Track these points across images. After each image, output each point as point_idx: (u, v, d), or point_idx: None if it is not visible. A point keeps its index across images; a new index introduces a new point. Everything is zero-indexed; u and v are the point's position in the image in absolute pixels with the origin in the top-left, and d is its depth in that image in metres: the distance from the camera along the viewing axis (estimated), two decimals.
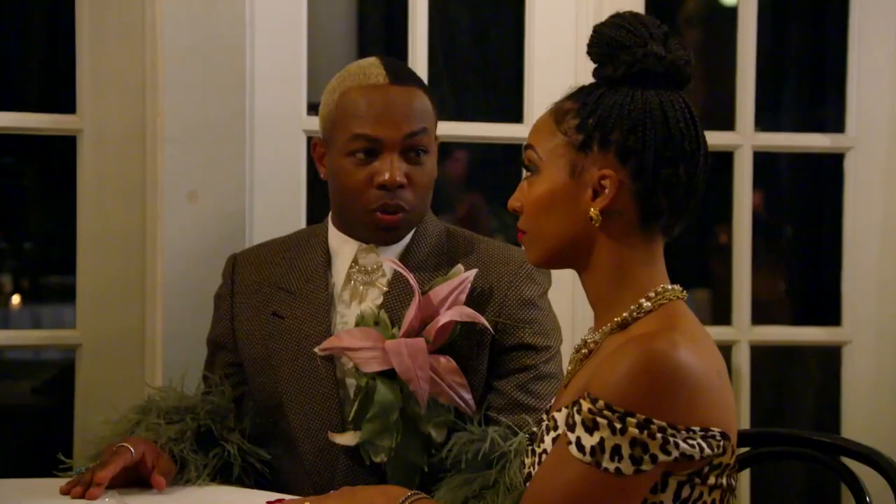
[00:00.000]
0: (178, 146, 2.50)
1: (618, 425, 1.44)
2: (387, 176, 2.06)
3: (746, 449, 2.13)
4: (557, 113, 1.60)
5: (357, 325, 2.07)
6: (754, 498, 2.89)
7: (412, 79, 2.13)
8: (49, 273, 4.95)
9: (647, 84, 1.56)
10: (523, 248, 1.65)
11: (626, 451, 1.44)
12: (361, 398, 2.01)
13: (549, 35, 2.75)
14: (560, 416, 1.53)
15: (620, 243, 1.58)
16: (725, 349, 2.89)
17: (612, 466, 1.44)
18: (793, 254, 4.24)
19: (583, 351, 1.62)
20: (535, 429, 1.66)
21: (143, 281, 2.55)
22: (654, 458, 1.44)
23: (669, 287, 1.59)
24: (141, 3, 2.53)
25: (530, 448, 1.62)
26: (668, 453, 1.44)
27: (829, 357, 3.18)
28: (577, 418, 1.47)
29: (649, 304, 1.56)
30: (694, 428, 1.46)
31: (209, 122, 2.51)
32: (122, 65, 2.54)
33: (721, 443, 1.49)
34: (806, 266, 4.19)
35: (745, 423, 2.84)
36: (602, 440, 1.44)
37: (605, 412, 1.45)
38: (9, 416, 4.03)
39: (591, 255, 1.59)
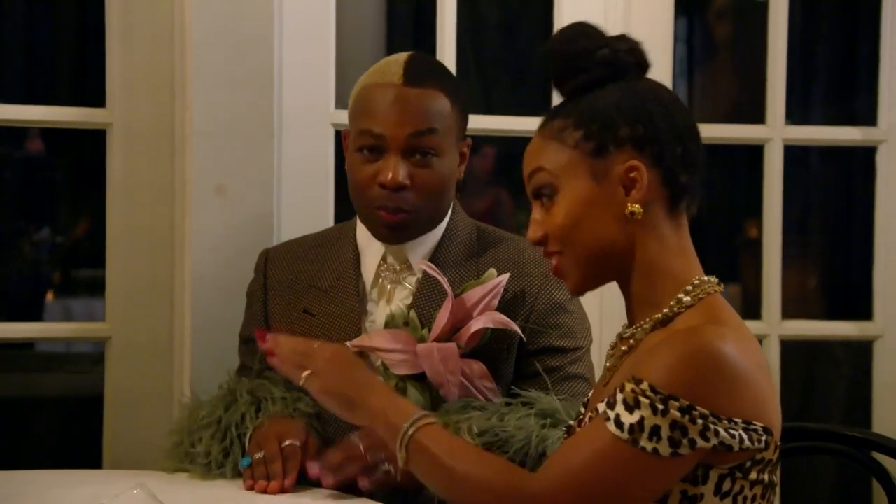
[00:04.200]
0: (206, 140, 2.50)
1: (660, 406, 1.44)
2: (389, 176, 2.05)
3: None
4: (553, 132, 1.61)
5: (387, 324, 2.07)
6: (785, 493, 2.88)
7: (431, 80, 2.09)
8: (79, 266, 4.98)
9: (623, 77, 1.60)
10: (559, 276, 1.63)
11: (665, 432, 1.44)
12: None
13: None
14: (601, 407, 1.52)
15: (653, 237, 1.58)
16: None
17: (649, 446, 1.45)
18: (824, 248, 4.21)
19: (621, 347, 1.61)
20: (571, 422, 1.66)
21: (172, 274, 2.56)
22: (692, 443, 1.45)
23: (706, 279, 1.59)
24: None
25: (566, 435, 1.63)
26: (707, 440, 1.45)
27: (861, 352, 3.16)
28: (619, 397, 1.47)
29: (689, 298, 1.56)
30: (736, 420, 1.47)
31: (238, 116, 2.51)
32: (151, 59, 2.55)
33: (763, 437, 1.49)
34: (837, 260, 4.16)
35: None
36: (642, 419, 1.45)
37: (649, 393, 1.45)
38: (40, 408, 4.06)
39: (628, 257, 1.59)
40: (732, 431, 1.46)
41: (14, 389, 4.07)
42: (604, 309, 2.67)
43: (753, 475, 1.51)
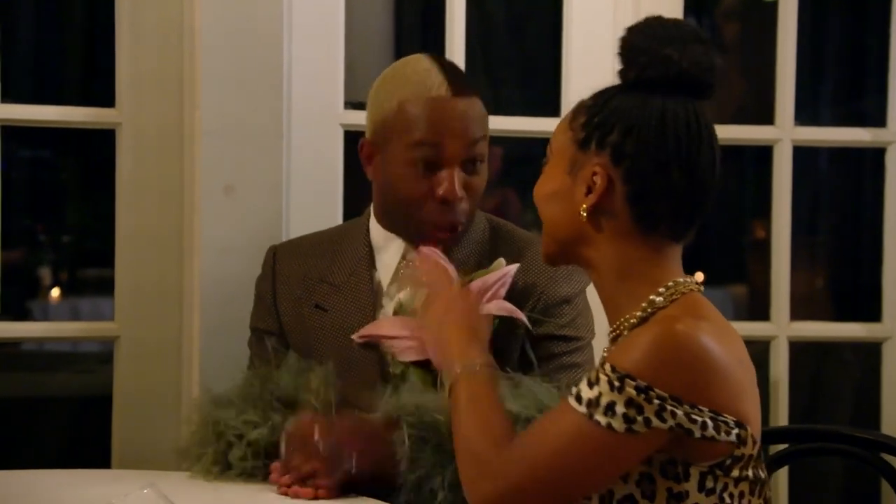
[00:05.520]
0: (215, 140, 2.51)
1: (616, 384, 1.47)
2: (451, 190, 2.05)
3: (785, 445, 2.12)
4: (577, 109, 1.64)
5: (395, 312, 2.07)
6: (793, 494, 2.87)
7: (470, 86, 2.12)
8: (87, 266, 4.99)
9: (659, 89, 1.58)
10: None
11: (620, 408, 1.47)
12: (393, 387, 2.00)
13: (587, 28, 2.73)
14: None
15: (620, 243, 1.59)
16: (763, 345, 2.87)
17: (603, 420, 1.47)
18: (832, 249, 4.20)
19: (603, 355, 1.63)
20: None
21: (181, 274, 2.56)
22: (647, 422, 1.46)
23: (681, 280, 1.59)
24: None
25: None
26: (663, 420, 1.46)
27: (869, 353, 3.15)
28: (585, 377, 1.51)
29: (661, 299, 1.57)
30: (701, 407, 1.48)
31: (246, 116, 2.51)
32: (160, 59, 2.55)
33: (735, 431, 1.50)
34: (846, 261, 4.16)
35: (784, 420, 2.82)
36: (599, 394, 1.48)
37: (608, 372, 1.49)
38: (48, 408, 4.06)
39: (594, 253, 1.61)
40: (694, 417, 1.47)
41: (22, 389, 4.08)
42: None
43: (736, 472, 1.51)
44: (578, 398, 1.50)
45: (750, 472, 1.53)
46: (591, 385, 1.50)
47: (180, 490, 1.89)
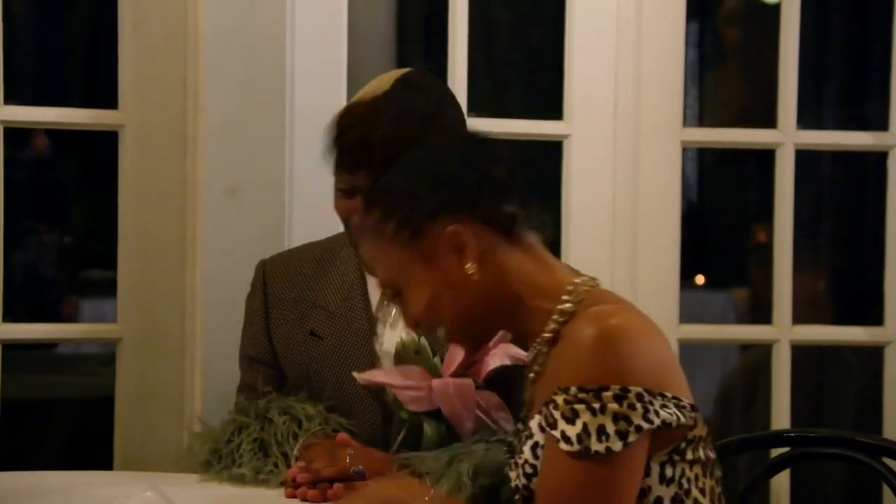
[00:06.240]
0: (218, 142, 2.51)
1: (596, 405, 1.45)
2: (336, 209, 2.03)
3: (787, 449, 2.12)
4: (373, 228, 1.60)
5: (397, 353, 2.01)
6: (794, 499, 2.87)
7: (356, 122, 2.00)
8: (88, 267, 4.99)
9: (409, 144, 1.62)
10: (452, 344, 1.66)
11: (610, 427, 1.44)
12: (405, 434, 1.98)
13: (590, 31, 2.74)
14: (534, 423, 1.53)
15: (510, 274, 1.57)
16: (766, 348, 2.87)
17: (601, 447, 1.45)
18: (835, 253, 4.20)
19: (530, 375, 1.60)
20: (511, 439, 1.66)
21: (183, 276, 2.56)
22: (638, 429, 1.45)
23: (579, 281, 1.58)
24: (183, 1, 2.54)
25: (512, 461, 1.61)
26: (650, 422, 1.45)
27: (871, 357, 3.15)
28: (556, 413, 1.47)
29: (569, 305, 1.55)
30: (666, 394, 1.48)
31: (249, 118, 2.52)
32: (163, 61, 2.56)
33: (692, 414, 1.51)
34: (848, 265, 4.16)
35: (785, 423, 2.82)
36: (585, 425, 1.45)
37: (580, 395, 1.45)
38: (51, 409, 4.06)
39: (498, 304, 1.58)
40: (668, 409, 1.47)
41: (25, 390, 4.08)
42: None
43: (690, 455, 1.51)
44: (566, 439, 1.45)
45: (702, 454, 1.53)
46: (570, 421, 1.45)
47: (183, 492, 1.89)
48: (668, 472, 1.51)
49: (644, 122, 2.74)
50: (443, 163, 1.59)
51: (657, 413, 1.46)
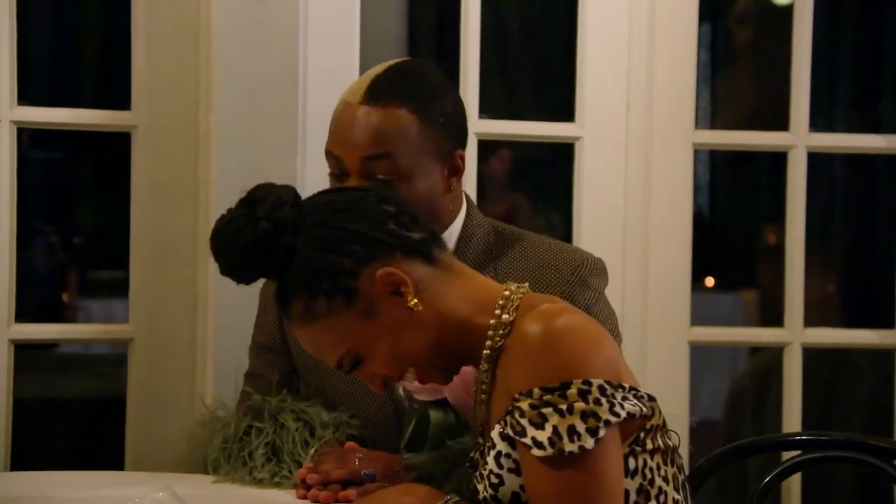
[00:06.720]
0: (230, 143, 2.51)
1: (563, 406, 1.44)
2: None
3: (798, 452, 2.12)
4: (303, 319, 1.58)
5: None
6: (805, 502, 2.86)
7: (395, 96, 1.92)
8: (100, 268, 5.00)
9: (289, 230, 1.59)
10: (422, 381, 1.65)
11: (580, 426, 1.44)
12: (415, 424, 1.99)
13: (602, 32, 2.73)
14: (495, 433, 1.53)
15: (444, 294, 1.57)
16: (777, 351, 2.86)
17: (575, 447, 1.44)
18: (846, 255, 4.20)
19: (480, 395, 1.60)
20: (472, 454, 1.65)
21: (195, 276, 2.56)
22: (607, 423, 1.45)
23: (507, 292, 1.58)
24: (196, 1, 2.55)
25: (476, 474, 1.61)
26: (617, 415, 1.46)
27: (882, 360, 3.14)
28: (524, 421, 1.46)
29: (507, 315, 1.55)
30: (624, 385, 1.48)
31: (262, 119, 2.52)
32: (176, 62, 2.56)
33: (650, 404, 1.51)
34: (859, 268, 4.15)
35: (797, 426, 2.81)
36: (555, 427, 1.45)
37: (546, 397, 1.45)
38: (62, 409, 4.07)
39: (445, 334, 1.57)
40: (630, 401, 1.47)
41: (36, 390, 4.09)
42: (624, 309, 2.66)
43: (650, 444, 1.52)
44: (538, 445, 1.45)
45: (661, 442, 1.53)
46: (539, 426, 1.45)
47: (195, 493, 1.89)
48: (632, 464, 1.51)
49: (656, 124, 2.74)
50: (335, 226, 1.57)
51: (622, 405, 1.46)
